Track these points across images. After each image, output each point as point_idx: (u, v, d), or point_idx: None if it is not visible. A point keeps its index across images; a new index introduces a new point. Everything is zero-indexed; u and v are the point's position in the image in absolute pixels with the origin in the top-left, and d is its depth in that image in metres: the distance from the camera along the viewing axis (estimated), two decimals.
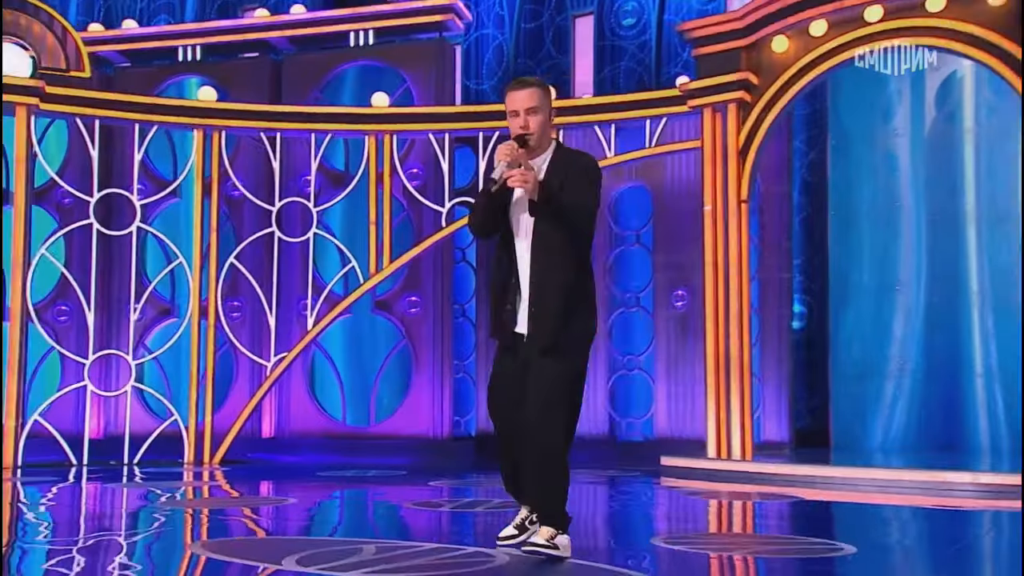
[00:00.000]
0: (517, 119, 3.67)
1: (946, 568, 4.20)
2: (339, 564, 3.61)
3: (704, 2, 11.82)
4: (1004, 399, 9.70)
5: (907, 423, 10.07)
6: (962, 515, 5.81)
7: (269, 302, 9.25)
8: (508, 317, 3.72)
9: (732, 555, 4.22)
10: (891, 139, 10.28)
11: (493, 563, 3.69)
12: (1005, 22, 7.04)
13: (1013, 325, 9.69)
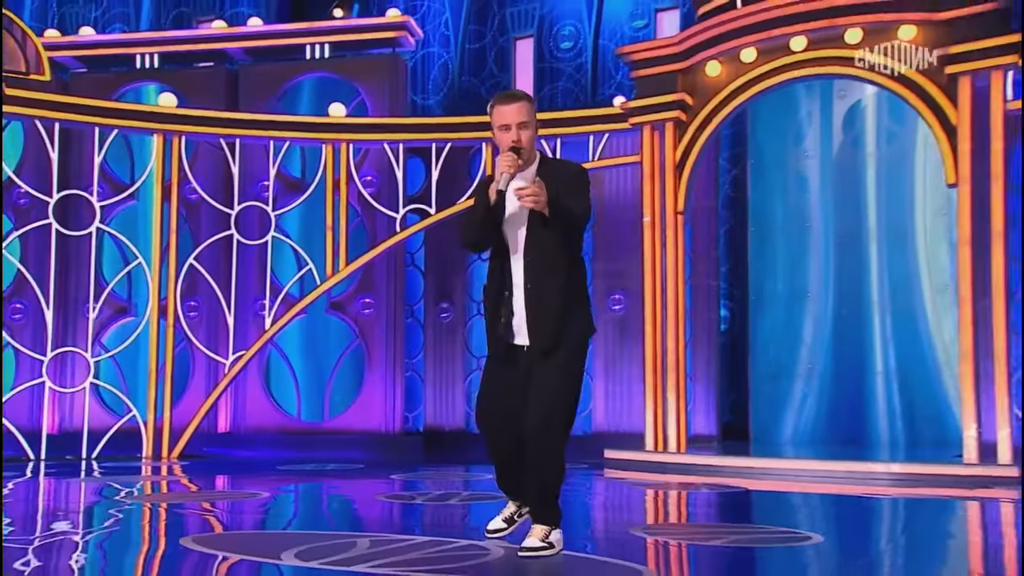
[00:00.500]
0: (508, 133, 3.50)
1: (921, 555, 4.23)
2: (339, 558, 3.47)
3: (636, 30, 12.03)
4: (901, 397, 10.10)
5: (815, 418, 10.36)
6: (895, 503, 5.90)
7: (228, 302, 9.02)
8: (504, 330, 3.57)
9: (720, 544, 4.13)
10: (802, 161, 10.58)
11: (490, 556, 3.59)
12: (915, 56, 7.34)
13: (910, 330, 10.12)
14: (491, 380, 3.63)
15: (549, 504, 3.54)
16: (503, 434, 3.58)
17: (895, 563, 3.95)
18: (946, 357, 9.84)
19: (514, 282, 3.55)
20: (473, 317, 10.47)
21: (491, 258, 3.65)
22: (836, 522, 5.28)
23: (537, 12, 12.69)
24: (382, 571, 3.28)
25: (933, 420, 9.89)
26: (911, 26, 7.30)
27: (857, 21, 7.40)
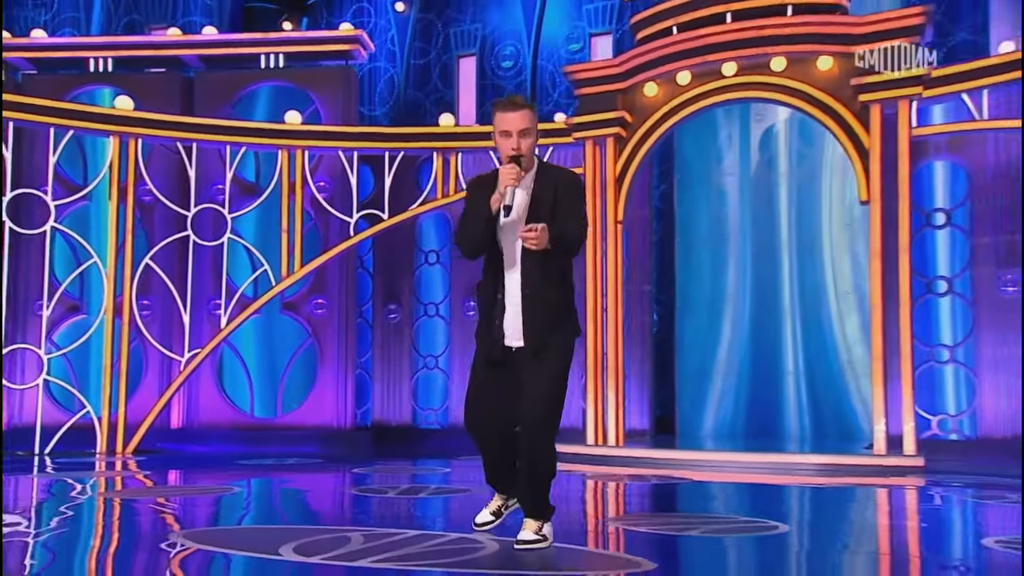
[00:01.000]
0: (509, 140, 3.34)
1: (886, 538, 4.33)
2: (339, 553, 3.36)
3: (572, 52, 12.18)
4: (808, 394, 10.44)
5: (734, 413, 10.62)
6: (828, 491, 6.01)
7: (183, 301, 8.73)
8: (498, 333, 3.42)
9: (699, 534, 4.09)
10: (723, 177, 10.85)
11: (485, 549, 3.51)
12: (833, 84, 7.62)
13: (817, 333, 10.48)
14: (480, 381, 3.49)
15: (541, 498, 3.46)
16: (492, 433, 3.47)
17: (870, 548, 4.04)
18: (848, 358, 10.23)
19: (508, 287, 3.42)
20: (420, 318, 10.40)
21: (485, 262, 3.50)
22: (791, 511, 5.31)
23: (479, 32, 12.72)
24: (387, 566, 3.18)
25: (837, 415, 10.25)
26: (828, 57, 7.58)
27: (781, 51, 7.63)
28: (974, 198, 8.23)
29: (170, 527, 4.35)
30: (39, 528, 4.19)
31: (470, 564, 3.28)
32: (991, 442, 7.88)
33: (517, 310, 3.40)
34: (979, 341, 8.10)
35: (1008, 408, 7.89)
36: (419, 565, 3.22)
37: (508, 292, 3.42)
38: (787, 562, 3.71)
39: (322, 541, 3.66)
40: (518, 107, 3.37)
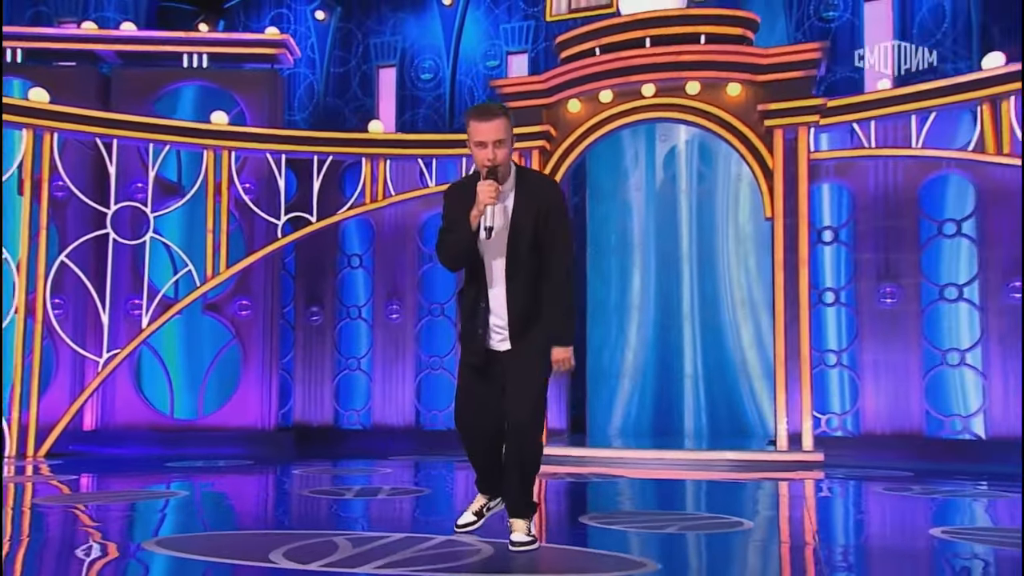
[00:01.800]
0: (485, 151, 3.21)
1: (839, 527, 4.51)
2: (335, 560, 3.18)
3: (489, 68, 12.23)
4: (705, 396, 10.84)
5: (638, 413, 10.90)
6: (748, 485, 6.15)
7: (102, 300, 8.21)
8: (481, 341, 3.32)
9: (677, 532, 4.05)
10: (630, 193, 11.14)
11: (482, 553, 3.39)
12: (740, 108, 7.95)
13: (715, 339, 10.89)
14: (468, 386, 3.39)
15: (528, 497, 3.39)
16: (482, 436, 3.37)
17: (835, 538, 4.17)
18: (743, 362, 10.68)
19: (491, 297, 3.31)
20: (343, 320, 10.17)
21: (467, 271, 3.41)
22: (744, 507, 5.34)
23: (399, 45, 12.60)
24: (396, 572, 3.04)
25: (731, 415, 10.68)
26: (737, 84, 7.91)
27: (695, 76, 7.91)
28: (857, 218, 8.74)
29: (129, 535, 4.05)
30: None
31: (477, 568, 3.18)
32: (872, 438, 8.38)
33: (500, 318, 3.30)
34: (861, 347, 8.60)
35: (886, 407, 8.41)
36: (426, 570, 3.08)
37: (492, 301, 3.31)
38: (772, 556, 3.73)
39: (308, 546, 3.48)
40: (493, 116, 3.23)
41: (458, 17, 12.52)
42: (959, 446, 8.24)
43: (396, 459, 8.01)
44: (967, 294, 8.42)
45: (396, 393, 9.71)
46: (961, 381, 8.42)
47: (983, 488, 6.18)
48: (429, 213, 10.03)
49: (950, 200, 8.59)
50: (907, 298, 8.47)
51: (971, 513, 5.14)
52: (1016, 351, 8.10)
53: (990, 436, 8.16)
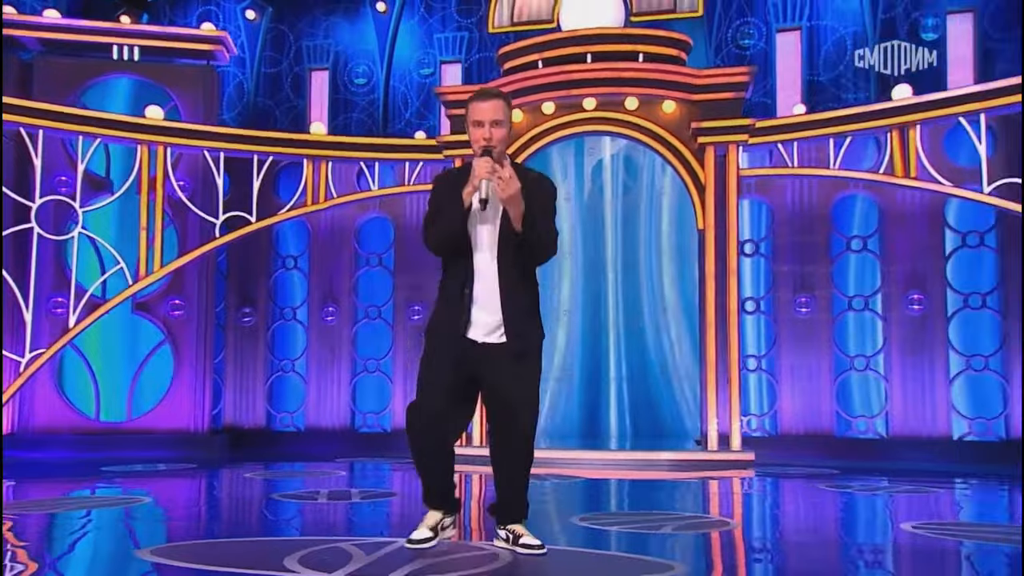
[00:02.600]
0: (481, 130, 3.14)
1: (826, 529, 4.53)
2: (358, 568, 2.94)
3: (423, 76, 12.07)
4: (629, 398, 11.01)
5: (566, 414, 10.97)
6: (702, 484, 6.22)
7: (25, 298, 7.59)
8: (464, 326, 3.16)
9: (674, 532, 3.97)
10: (561, 203, 11.21)
11: (500, 559, 3.18)
12: (675, 125, 8.10)
13: (637, 344, 11.07)
14: (433, 374, 3.19)
15: (526, 500, 3.29)
16: (430, 434, 3.16)
17: (836, 534, 4.24)
18: (664, 366, 10.89)
19: (478, 282, 3.16)
20: (277, 322, 9.79)
21: (449, 257, 3.25)
22: (713, 505, 5.34)
23: (332, 49, 12.28)
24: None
25: (652, 416, 10.88)
26: (672, 102, 8.06)
27: (633, 92, 8.01)
28: (776, 232, 9.06)
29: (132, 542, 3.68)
30: None
31: (505, 574, 2.98)
32: (789, 438, 8.68)
33: (490, 304, 3.14)
34: (779, 353, 8.90)
35: (801, 409, 8.74)
36: None
37: (479, 286, 3.15)
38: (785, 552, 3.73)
39: (317, 553, 3.23)
40: (491, 97, 3.19)
41: (392, 24, 12.31)
42: (864, 444, 8.64)
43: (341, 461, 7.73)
44: (872, 304, 8.84)
45: (331, 396, 9.41)
46: (866, 385, 8.83)
47: (919, 485, 6.48)
48: (366, 217, 9.80)
49: (857, 218, 9.01)
50: (820, 308, 8.83)
51: (933, 508, 5.36)
52: (915, 358, 8.57)
53: (891, 435, 8.59)
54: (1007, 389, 8.40)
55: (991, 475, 7.09)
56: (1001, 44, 10.11)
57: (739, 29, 10.69)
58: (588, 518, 4.45)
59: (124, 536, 4.01)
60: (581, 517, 4.47)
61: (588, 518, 4.45)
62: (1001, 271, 8.52)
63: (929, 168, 7.57)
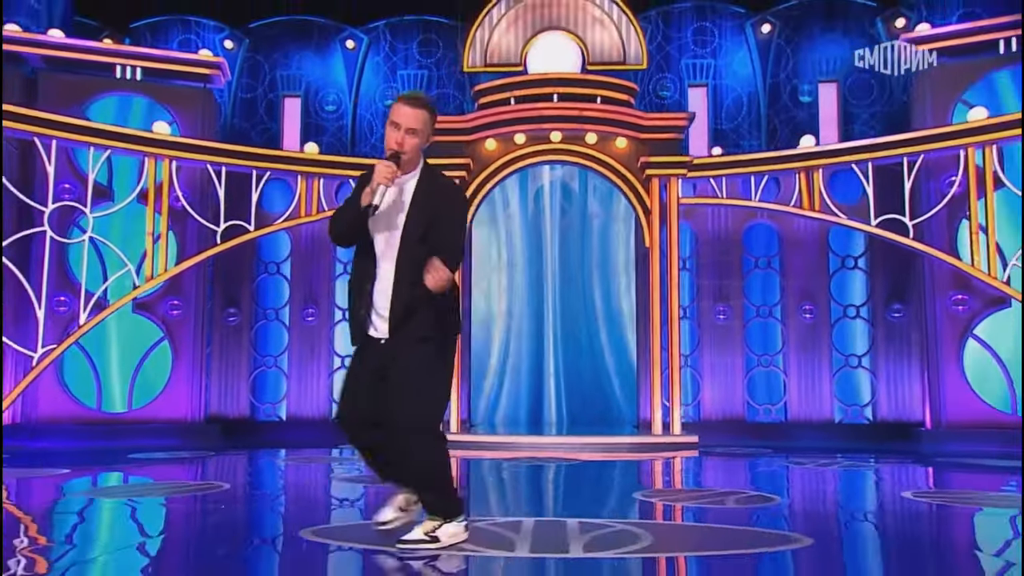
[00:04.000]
0: (396, 133, 2.78)
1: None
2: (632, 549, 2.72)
3: (387, 107, 12.02)
4: (566, 391, 11.26)
5: (514, 406, 11.12)
6: (684, 461, 6.39)
7: (38, 297, 7.04)
8: (363, 320, 2.82)
9: (746, 506, 3.87)
10: (509, 220, 11.42)
11: (646, 539, 2.97)
12: (626, 158, 8.41)
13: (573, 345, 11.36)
14: (350, 379, 2.88)
15: (434, 497, 2.82)
16: (361, 432, 2.84)
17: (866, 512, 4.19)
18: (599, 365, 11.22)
19: (378, 280, 2.80)
20: (259, 322, 9.47)
21: (356, 253, 2.90)
22: (757, 483, 5.23)
23: (304, 79, 12.03)
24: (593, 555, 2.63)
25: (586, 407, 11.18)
26: (623, 139, 8.39)
27: (592, 129, 8.30)
28: (699, 251, 9.54)
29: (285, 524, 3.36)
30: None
31: (654, 550, 2.78)
32: (708, 423, 9.13)
33: (386, 301, 2.79)
34: (701, 352, 9.36)
35: (719, 398, 9.22)
36: (628, 553, 2.71)
37: (378, 286, 2.80)
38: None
39: (491, 531, 3.06)
40: (417, 105, 2.82)
41: (359, 60, 12.20)
42: (768, 427, 9.20)
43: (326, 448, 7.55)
44: (774, 313, 9.44)
45: (311, 388, 9.18)
46: (771, 378, 9.41)
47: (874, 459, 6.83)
48: None
49: (762, 242, 9.62)
50: (734, 315, 9.36)
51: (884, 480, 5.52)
52: (809, 355, 9.21)
53: (790, 419, 9.19)
54: (874, 382, 9.17)
55: (862, 451, 7.58)
56: (858, 109, 11.12)
57: (658, 82, 11.22)
58: (647, 494, 4.33)
59: (276, 519, 3.68)
60: (642, 493, 4.37)
61: (647, 494, 4.33)
62: (870, 287, 9.32)
63: (829, 203, 8.20)
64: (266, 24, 12.07)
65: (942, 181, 7.95)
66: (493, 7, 8.73)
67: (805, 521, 3.77)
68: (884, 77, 10.96)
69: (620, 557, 2.73)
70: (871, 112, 11.14)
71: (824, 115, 11.22)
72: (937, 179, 7.99)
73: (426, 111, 2.81)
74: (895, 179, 8.05)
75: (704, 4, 11.88)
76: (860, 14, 11.34)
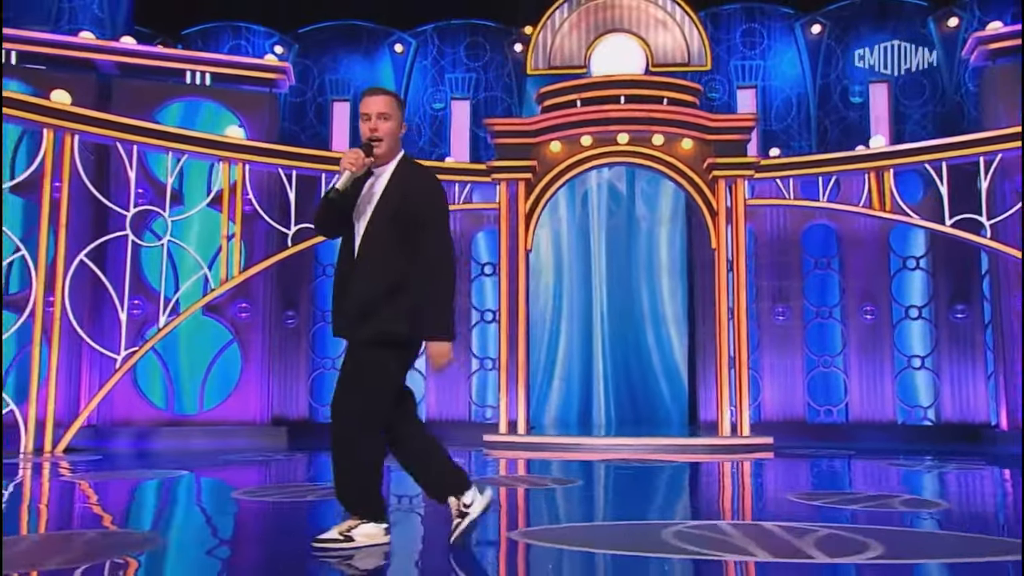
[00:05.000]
0: (368, 122, 2.71)
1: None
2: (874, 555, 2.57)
3: (436, 110, 12.00)
4: (615, 393, 11.19)
5: (557, 406, 11.08)
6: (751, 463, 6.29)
7: (121, 300, 7.07)
8: (335, 317, 2.75)
9: (893, 509, 3.69)
10: (558, 221, 11.40)
11: (873, 547, 2.80)
12: (692, 160, 8.33)
13: (621, 346, 11.28)
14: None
15: (352, 495, 2.67)
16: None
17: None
18: (648, 365, 11.14)
19: (349, 276, 2.71)
20: (317, 324, 9.48)
21: (340, 247, 2.78)
22: (909, 485, 4.99)
23: (353, 83, 12.06)
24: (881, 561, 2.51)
25: (635, 408, 11.11)
26: (689, 140, 8.30)
27: (659, 131, 8.21)
28: (758, 252, 9.43)
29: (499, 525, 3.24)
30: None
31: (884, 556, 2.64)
32: (768, 424, 9.01)
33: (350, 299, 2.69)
34: (761, 353, 9.25)
35: (779, 400, 9.10)
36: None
37: (350, 283, 2.68)
38: None
39: (691, 533, 2.95)
40: (380, 92, 2.77)
41: (408, 64, 12.20)
42: (829, 429, 9.06)
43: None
44: (834, 314, 9.31)
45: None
46: (832, 379, 9.28)
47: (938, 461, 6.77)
48: None
49: (821, 242, 9.49)
50: (793, 316, 9.23)
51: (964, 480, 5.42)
52: (871, 356, 9.07)
53: (851, 421, 9.05)
54: (938, 383, 9.01)
55: (929, 453, 7.32)
56: (910, 109, 10.96)
57: (707, 84, 11.12)
58: (800, 496, 4.13)
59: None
60: (795, 494, 4.19)
61: (800, 496, 4.13)
62: (932, 288, 9.16)
63: (901, 204, 8.06)
64: (315, 29, 12.11)
65: (1017, 181, 7.79)
66: (555, 10, 8.69)
67: (1009, 528, 3.49)
68: (937, 77, 10.81)
69: (884, 563, 2.56)
70: (923, 112, 10.98)
71: (875, 116, 11.08)
72: (1011, 179, 7.84)
73: (391, 96, 2.76)
74: (962, 179, 7.91)
75: (752, 5, 11.78)
76: (912, 14, 11.18)
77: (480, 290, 9.57)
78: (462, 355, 9.13)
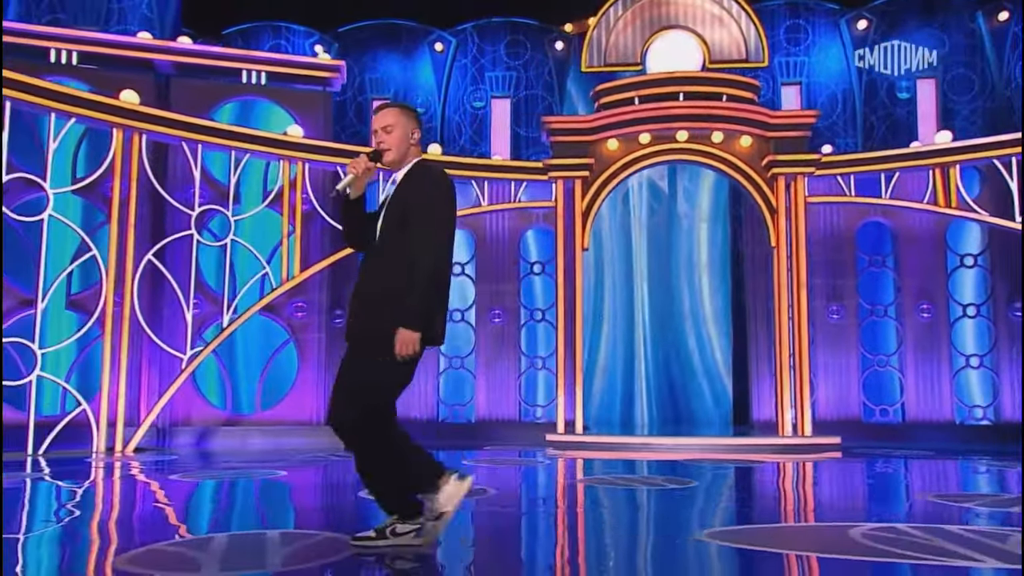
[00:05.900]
0: (376, 136, 2.83)
1: None
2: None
3: (476, 108, 11.91)
4: (656, 392, 11.06)
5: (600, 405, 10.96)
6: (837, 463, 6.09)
7: (187, 300, 7.03)
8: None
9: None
10: (599, 219, 11.24)
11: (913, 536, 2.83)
12: (750, 157, 8.19)
13: (663, 346, 11.14)
14: None
15: (388, 497, 2.71)
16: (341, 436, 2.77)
17: None
18: (688, 364, 11.00)
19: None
20: None
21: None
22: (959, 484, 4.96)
23: (393, 81, 11.99)
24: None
25: (676, 407, 10.98)
26: (749, 137, 8.15)
27: (719, 127, 8.07)
28: (811, 251, 9.26)
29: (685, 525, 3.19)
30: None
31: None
32: (823, 424, 8.85)
33: None
34: (815, 352, 9.09)
35: (833, 399, 8.93)
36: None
37: (359, 280, 2.75)
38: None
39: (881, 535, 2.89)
40: (384, 107, 2.86)
41: (448, 62, 12.12)
42: (885, 428, 8.89)
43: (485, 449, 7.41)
44: (889, 312, 9.13)
45: (417, 389, 9.06)
46: (886, 378, 9.10)
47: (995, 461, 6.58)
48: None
49: (875, 240, 9.31)
50: (848, 314, 9.06)
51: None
52: (927, 355, 8.89)
53: (908, 420, 8.88)
54: (997, 383, 8.82)
55: (990, 453, 7.14)
56: (958, 105, 10.74)
57: None
58: (939, 497, 4.04)
59: (665, 520, 3.54)
60: (934, 496, 4.10)
61: (939, 497, 4.04)
62: (991, 286, 8.96)
63: (968, 200, 7.88)
64: (355, 28, 12.05)
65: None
66: (610, 7, 8.56)
67: None
68: (986, 72, 10.59)
69: None
70: (972, 108, 10.77)
71: (923, 112, 10.87)
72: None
73: (392, 108, 2.84)
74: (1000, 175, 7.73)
75: (797, 1, 11.59)
76: (960, 8, 10.96)
77: (529, 289, 9.44)
78: (511, 355, 9.03)
